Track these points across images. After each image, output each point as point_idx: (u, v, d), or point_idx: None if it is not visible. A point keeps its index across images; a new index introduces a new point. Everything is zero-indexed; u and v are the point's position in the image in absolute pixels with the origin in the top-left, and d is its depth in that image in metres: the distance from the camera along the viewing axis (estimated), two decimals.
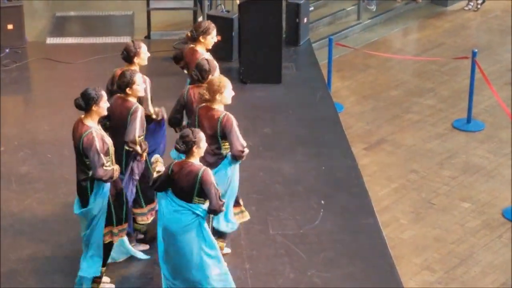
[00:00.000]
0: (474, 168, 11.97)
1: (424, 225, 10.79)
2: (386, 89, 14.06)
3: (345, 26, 15.97)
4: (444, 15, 16.94)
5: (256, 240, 9.52)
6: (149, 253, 9.06)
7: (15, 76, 13.39)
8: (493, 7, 17.19)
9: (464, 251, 10.33)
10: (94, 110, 8.14)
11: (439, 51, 15.26)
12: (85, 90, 8.13)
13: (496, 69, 14.50)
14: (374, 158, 12.19)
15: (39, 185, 10.62)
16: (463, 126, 12.95)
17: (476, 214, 11.00)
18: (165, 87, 10.45)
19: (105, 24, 15.20)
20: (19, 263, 9.29)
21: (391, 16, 16.64)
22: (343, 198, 10.50)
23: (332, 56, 13.51)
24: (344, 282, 9.09)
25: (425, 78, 14.39)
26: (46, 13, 15.75)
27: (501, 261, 10.16)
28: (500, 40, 15.83)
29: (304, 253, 9.49)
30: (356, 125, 12.92)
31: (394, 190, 11.48)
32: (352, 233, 9.89)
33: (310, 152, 11.39)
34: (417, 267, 10.04)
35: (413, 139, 12.64)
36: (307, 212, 10.18)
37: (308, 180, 10.81)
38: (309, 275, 9.16)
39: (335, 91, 13.51)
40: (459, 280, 9.86)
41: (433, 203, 11.22)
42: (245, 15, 12.93)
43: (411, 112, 13.38)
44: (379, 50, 15.01)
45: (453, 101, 13.59)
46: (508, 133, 12.59)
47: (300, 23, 14.40)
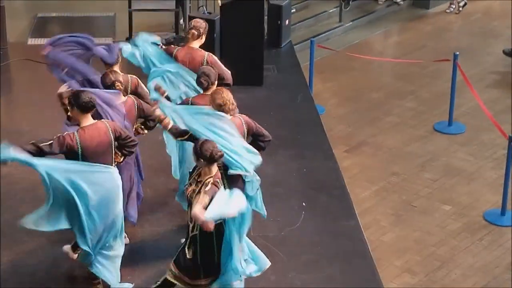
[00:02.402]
0: (455, 171, 11.99)
1: (405, 227, 10.81)
2: (367, 92, 14.08)
3: (327, 28, 15.99)
4: (425, 18, 16.98)
5: None
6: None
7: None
8: (474, 10, 17.25)
9: (445, 254, 10.34)
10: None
11: (421, 54, 15.30)
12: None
13: (478, 72, 14.54)
14: (355, 160, 12.20)
15: (20, 185, 10.57)
16: (444, 129, 12.98)
17: (457, 217, 11.02)
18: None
19: (87, 25, 15.16)
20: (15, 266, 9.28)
21: (373, 18, 16.68)
22: (324, 200, 10.50)
23: (313, 58, 13.51)
24: (324, 284, 9.10)
25: (406, 81, 14.42)
26: (28, 13, 15.71)
27: (482, 264, 10.18)
28: (482, 43, 15.89)
29: (285, 255, 9.48)
30: (338, 127, 12.93)
31: (375, 192, 11.49)
32: (333, 235, 9.89)
33: (291, 154, 11.39)
34: (397, 269, 10.05)
35: (394, 142, 12.66)
36: (288, 214, 10.18)
37: (289, 182, 10.81)
38: (290, 277, 9.16)
39: (316, 93, 13.52)
40: (440, 283, 9.88)
41: (414, 206, 11.24)
42: (227, 16, 12.93)
43: (392, 115, 13.40)
44: (360, 52, 15.02)
45: (434, 104, 13.62)
46: (489, 135, 12.62)
47: (282, 25, 14.41)
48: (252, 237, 9.55)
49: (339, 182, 10.89)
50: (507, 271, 10.07)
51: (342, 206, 10.41)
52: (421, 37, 16.13)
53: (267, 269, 9.08)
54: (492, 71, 14.80)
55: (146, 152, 10.19)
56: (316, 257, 9.51)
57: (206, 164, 7.80)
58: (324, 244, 9.72)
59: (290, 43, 14.66)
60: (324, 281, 9.15)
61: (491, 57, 15.27)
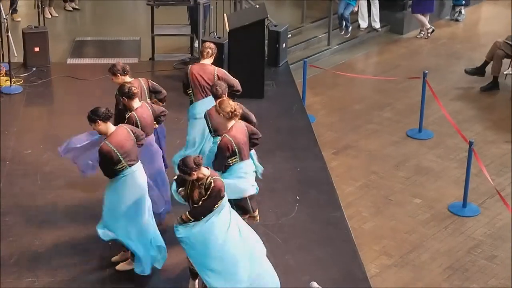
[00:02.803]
0: (425, 170, 11.98)
1: (383, 217, 10.80)
2: (351, 104, 14.07)
3: (317, 50, 15.97)
4: (400, 42, 16.97)
5: None
6: None
7: (41, 91, 13.34)
8: (441, 36, 17.23)
9: (416, 240, 10.33)
10: None
11: (396, 72, 15.29)
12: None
13: (443, 87, 14.53)
14: (341, 161, 12.19)
15: (60, 182, 10.59)
16: (415, 135, 12.96)
17: (426, 209, 11.00)
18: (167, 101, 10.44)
19: (116, 47, 15.17)
20: (42, 247, 9.27)
21: (356, 42, 16.66)
22: (314, 194, 10.49)
23: (306, 76, 13.51)
24: (315, 264, 9.10)
25: (384, 95, 14.41)
26: (67, 37, 15.71)
27: (447, 248, 10.17)
28: (447, 63, 15.87)
29: (281, 240, 9.48)
30: (326, 133, 12.92)
31: (357, 188, 11.47)
32: (322, 224, 9.89)
33: (287, 155, 11.38)
34: (376, 252, 10.04)
35: (374, 146, 12.64)
36: (284, 206, 10.17)
37: (285, 179, 10.80)
38: (285, 258, 9.16)
39: (308, 104, 13.51)
40: (412, 264, 9.86)
41: (390, 199, 11.23)
42: (233, 41, 12.94)
43: (372, 123, 13.39)
44: (345, 70, 15.02)
45: (407, 114, 13.61)
46: (453, 140, 12.61)
47: (279, 48, 14.40)
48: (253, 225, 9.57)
49: (327, 179, 10.88)
50: (468, 254, 10.05)
51: (329, 200, 10.40)
52: (396, 58, 16.12)
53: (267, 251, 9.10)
54: (455, 87, 14.78)
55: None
56: (307, 242, 9.51)
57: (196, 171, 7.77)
58: (314, 231, 9.72)
59: (286, 63, 14.65)
60: (314, 262, 9.15)
61: (455, 75, 15.25)
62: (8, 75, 13.39)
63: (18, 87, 13.32)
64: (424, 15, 17.07)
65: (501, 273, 9.69)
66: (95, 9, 17.49)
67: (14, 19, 16.00)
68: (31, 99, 13.05)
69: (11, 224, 9.66)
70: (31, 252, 9.17)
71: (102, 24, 16.50)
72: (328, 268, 9.02)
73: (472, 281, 9.56)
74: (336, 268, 9.05)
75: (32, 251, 9.19)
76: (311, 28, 16.60)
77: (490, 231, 10.51)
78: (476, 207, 10.98)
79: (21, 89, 13.27)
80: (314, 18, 16.77)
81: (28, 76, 13.69)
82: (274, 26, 14.53)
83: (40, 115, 12.85)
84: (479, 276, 9.64)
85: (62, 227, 9.61)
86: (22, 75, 13.69)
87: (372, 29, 17.07)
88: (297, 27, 16.40)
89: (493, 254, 10.04)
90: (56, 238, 9.42)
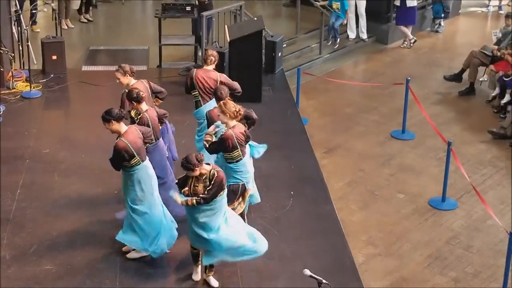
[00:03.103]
0: (407, 168, 11.98)
1: (369, 211, 10.79)
2: (341, 107, 14.06)
3: (310, 59, 15.95)
4: (385, 51, 16.97)
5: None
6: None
7: (58, 96, 13.33)
8: (422, 45, 17.23)
9: (400, 231, 10.33)
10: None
11: (381, 79, 15.29)
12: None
13: (424, 93, 14.53)
14: (332, 159, 12.19)
15: (75, 178, 10.59)
16: (399, 136, 12.96)
17: (409, 203, 11.00)
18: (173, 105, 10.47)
19: (127, 55, 15.15)
20: (59, 238, 9.28)
21: (345, 51, 16.65)
22: (307, 190, 10.50)
23: (300, 82, 13.50)
24: (308, 253, 9.11)
25: (370, 99, 14.40)
26: (82, 47, 15.70)
27: (427, 239, 10.17)
28: (428, 71, 15.87)
29: (277, 231, 9.49)
30: (318, 134, 12.92)
31: (346, 184, 11.47)
32: (314, 216, 9.90)
33: (282, 155, 11.38)
34: (363, 243, 10.04)
35: (361, 145, 12.64)
36: (280, 200, 10.17)
37: (281, 176, 10.80)
38: (281, 248, 9.16)
39: (302, 108, 13.51)
40: (396, 253, 9.86)
41: (376, 194, 11.22)
42: (234, 50, 12.94)
43: (360, 125, 13.39)
44: (335, 77, 15.02)
45: (391, 117, 13.61)
46: (433, 141, 12.61)
47: (275, 56, 14.40)
48: (252, 218, 9.61)
49: (319, 176, 10.89)
50: (446, 244, 10.06)
51: (321, 194, 10.41)
52: (382, 66, 16.12)
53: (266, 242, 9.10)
54: (435, 92, 14.78)
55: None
56: (301, 233, 9.51)
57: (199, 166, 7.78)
58: (307, 223, 9.72)
59: (282, 70, 14.65)
60: (307, 251, 9.16)
61: (435, 82, 15.25)
62: (28, 81, 13.38)
63: (37, 92, 13.31)
64: (407, 27, 17.08)
65: (476, 261, 9.70)
66: (108, 21, 17.48)
67: (33, 30, 15.99)
68: (49, 103, 13.04)
69: (31, 217, 9.66)
70: (49, 242, 9.17)
71: (113, 35, 16.48)
72: (320, 257, 9.03)
73: (450, 268, 9.56)
74: (327, 257, 9.06)
75: (49, 241, 9.19)
76: (304, 38, 16.59)
77: (467, 223, 10.51)
78: (454, 202, 10.98)
79: (40, 94, 13.26)
80: (307, 30, 16.76)
81: (46, 82, 13.68)
82: (271, 37, 14.52)
83: (57, 118, 12.86)
84: (456, 264, 9.64)
85: (77, 219, 9.61)
86: (41, 81, 13.68)
87: (360, 39, 17.07)
88: (292, 37, 16.39)
89: (469, 244, 10.05)
90: (71, 229, 9.42)
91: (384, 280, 9.30)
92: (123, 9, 18.15)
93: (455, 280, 9.34)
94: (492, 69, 14.18)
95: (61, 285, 8.46)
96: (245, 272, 8.73)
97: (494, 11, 19.64)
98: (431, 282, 9.30)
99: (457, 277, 9.39)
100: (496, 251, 9.87)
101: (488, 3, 19.71)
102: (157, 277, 8.63)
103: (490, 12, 19.62)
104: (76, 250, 8.99)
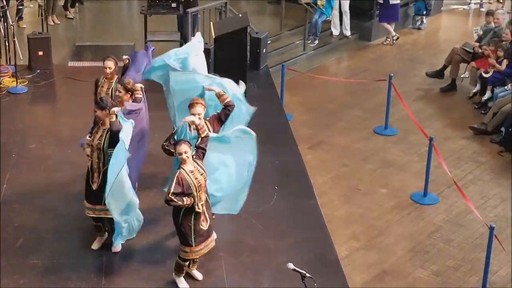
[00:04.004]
0: (390, 163, 12.03)
1: (352, 205, 10.83)
2: (324, 103, 14.09)
3: (294, 55, 15.98)
4: (368, 48, 17.01)
5: (225, 216, 9.50)
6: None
7: (44, 91, 13.30)
8: (405, 42, 17.30)
9: (382, 225, 10.37)
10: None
11: (365, 75, 15.33)
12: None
13: (407, 89, 14.58)
14: (315, 155, 12.21)
15: (61, 173, 10.57)
16: (382, 131, 13.00)
17: (391, 198, 11.05)
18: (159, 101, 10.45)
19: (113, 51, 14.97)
20: (45, 232, 9.27)
21: (329, 48, 16.69)
22: (291, 184, 10.53)
23: (284, 78, 13.53)
24: (292, 247, 9.14)
25: (354, 95, 14.44)
26: (68, 43, 15.65)
27: (409, 233, 10.22)
28: (410, 67, 15.93)
29: (261, 226, 9.52)
30: (302, 130, 12.94)
31: (330, 179, 11.50)
32: (298, 211, 9.93)
33: (267, 150, 11.38)
34: (346, 236, 10.07)
35: (344, 141, 12.68)
36: (264, 195, 10.20)
37: (265, 171, 10.81)
38: (265, 242, 9.19)
39: (286, 104, 13.53)
40: (378, 247, 9.91)
41: (359, 189, 11.26)
42: (219, 46, 12.92)
43: (343, 121, 13.42)
44: (319, 73, 15.04)
45: (374, 112, 13.65)
46: (415, 137, 12.66)
47: (260, 53, 14.42)
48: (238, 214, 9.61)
49: (302, 171, 10.92)
50: (428, 238, 10.11)
51: (305, 189, 10.44)
52: (365, 62, 16.16)
53: (248, 235, 9.15)
54: (417, 88, 14.84)
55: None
56: (285, 227, 9.54)
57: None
58: (291, 218, 9.75)
59: (266, 66, 14.67)
60: (291, 245, 9.19)
61: (417, 78, 15.31)
62: (15, 76, 13.34)
63: (23, 87, 13.27)
64: (390, 23, 17.14)
65: (457, 254, 9.76)
66: (94, 17, 17.44)
67: (20, 26, 15.92)
68: (35, 98, 13.01)
69: (18, 211, 9.65)
70: (35, 236, 9.16)
71: (100, 31, 16.43)
72: (304, 251, 9.06)
73: (431, 262, 9.62)
74: (310, 251, 9.09)
75: (36, 235, 9.19)
76: (288, 35, 16.61)
77: (448, 218, 10.57)
78: (435, 196, 11.04)
79: (26, 89, 13.22)
80: (291, 26, 16.78)
81: (32, 77, 13.65)
82: (256, 33, 14.54)
83: (44, 113, 12.82)
84: (438, 258, 9.70)
85: (63, 214, 9.61)
86: (27, 76, 13.64)
87: (344, 36, 17.11)
88: (276, 34, 16.40)
89: (450, 238, 10.11)
90: (58, 223, 9.41)
91: (367, 274, 9.34)
92: (109, 5, 18.11)
93: (436, 273, 9.39)
94: (473, 66, 14.26)
95: (47, 279, 8.47)
96: (230, 265, 8.76)
97: (475, 8, 19.75)
98: (412, 275, 9.35)
99: (438, 270, 9.45)
100: (476, 245, 9.93)
101: (469, 1, 19.82)
102: (143, 270, 8.64)
103: (472, 9, 19.73)
104: (62, 244, 8.99)
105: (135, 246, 9.01)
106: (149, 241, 9.13)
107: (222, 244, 9.00)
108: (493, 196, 11.10)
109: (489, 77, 13.60)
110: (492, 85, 13.56)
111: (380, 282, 9.20)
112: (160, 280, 8.52)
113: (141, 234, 9.05)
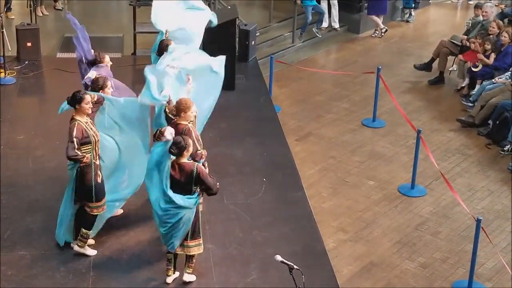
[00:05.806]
0: (377, 155, 12.02)
1: (340, 197, 10.82)
2: (313, 95, 14.07)
3: (283, 47, 15.95)
4: (356, 40, 16.99)
5: (213, 207, 9.49)
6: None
7: (32, 82, 13.22)
8: (393, 35, 17.28)
9: (369, 217, 10.37)
10: (78, 108, 8.16)
11: (353, 67, 15.32)
12: (73, 93, 8.16)
13: (395, 81, 14.58)
14: (303, 147, 12.20)
15: (50, 165, 10.51)
16: (370, 124, 12.99)
17: (379, 190, 11.05)
18: None
19: (101, 43, 14.98)
20: (33, 224, 9.21)
21: (317, 40, 16.65)
22: (279, 176, 10.50)
23: (273, 70, 13.49)
24: (279, 239, 9.11)
25: (342, 87, 14.43)
26: (57, 34, 15.56)
27: (396, 225, 10.22)
28: (398, 59, 15.92)
29: (250, 217, 9.48)
30: (290, 122, 12.92)
31: (318, 171, 11.49)
32: (286, 203, 9.90)
33: (255, 142, 11.38)
34: (334, 228, 10.07)
35: (332, 133, 12.66)
36: (253, 187, 10.17)
37: (254, 162, 10.80)
38: (253, 234, 9.17)
39: (274, 96, 13.50)
40: (365, 239, 9.90)
41: (347, 181, 11.25)
42: (208, 38, 12.85)
43: (331, 113, 13.41)
44: (308, 66, 15.02)
45: (362, 105, 13.64)
46: (403, 129, 12.66)
47: (249, 45, 14.36)
48: (224, 204, 9.59)
49: (291, 163, 10.89)
50: (415, 230, 10.12)
51: (293, 181, 10.41)
52: (353, 55, 16.14)
53: (236, 227, 9.12)
54: (405, 81, 14.83)
55: None
56: (273, 219, 9.51)
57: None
58: (279, 210, 9.72)
59: (255, 58, 14.62)
60: (279, 237, 9.16)
61: (405, 70, 15.31)
62: (3, 67, 13.25)
63: (11, 78, 13.18)
64: (378, 16, 17.11)
65: (444, 246, 9.77)
66: (83, 9, 17.33)
67: (8, 17, 15.81)
68: (23, 89, 12.92)
69: (5, 203, 9.58)
70: (23, 228, 9.10)
71: (88, 22, 16.18)
72: (291, 243, 9.04)
73: (419, 254, 9.62)
74: (298, 243, 9.07)
75: (24, 227, 9.12)
76: (277, 27, 16.57)
77: (435, 210, 10.58)
78: (423, 188, 11.04)
79: (15, 80, 13.13)
80: (280, 19, 16.74)
81: (21, 68, 13.56)
82: (244, 25, 14.48)
83: (32, 104, 12.75)
84: (425, 250, 9.70)
85: (51, 206, 9.51)
86: (16, 67, 13.55)
87: (332, 28, 17.08)
88: (265, 26, 16.36)
89: (437, 230, 10.11)
90: (46, 215, 9.33)
91: (354, 266, 9.33)
92: None
93: (423, 265, 9.39)
94: (461, 59, 14.25)
95: (35, 271, 8.41)
96: (218, 258, 8.72)
97: (463, 1, 19.75)
98: (399, 267, 9.35)
99: (425, 262, 9.45)
100: (463, 237, 9.94)
101: None
102: (131, 263, 8.60)
103: (460, 2, 19.72)
104: (50, 236, 8.92)
105: (124, 239, 8.96)
106: (136, 234, 9.09)
107: (211, 237, 8.96)
108: (480, 189, 11.10)
109: (478, 71, 13.59)
110: (481, 79, 13.56)
111: (367, 273, 9.20)
112: (147, 268, 8.48)
113: (130, 230, 9.03)
